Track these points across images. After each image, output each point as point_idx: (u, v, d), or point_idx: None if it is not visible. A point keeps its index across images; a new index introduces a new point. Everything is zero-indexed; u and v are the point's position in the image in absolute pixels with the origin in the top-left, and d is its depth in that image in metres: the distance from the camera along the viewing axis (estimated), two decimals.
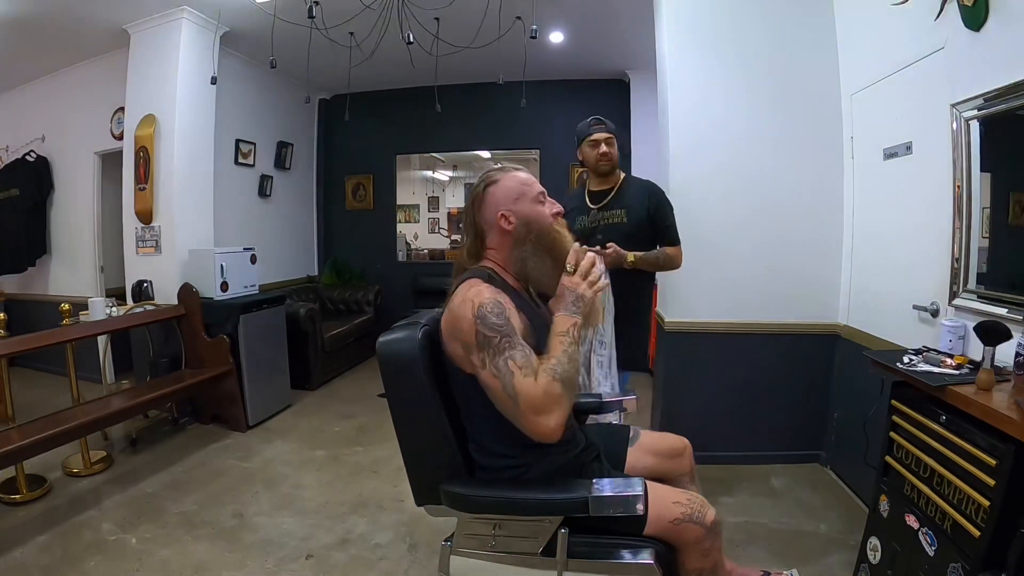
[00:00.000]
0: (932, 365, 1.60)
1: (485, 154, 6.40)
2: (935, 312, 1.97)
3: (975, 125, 1.76)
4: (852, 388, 2.60)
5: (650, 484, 1.22)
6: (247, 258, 3.83)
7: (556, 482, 1.27)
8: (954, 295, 1.86)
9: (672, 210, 2.32)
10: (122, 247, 3.94)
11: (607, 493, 1.15)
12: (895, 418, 1.68)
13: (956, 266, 1.85)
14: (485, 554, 1.26)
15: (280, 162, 5.19)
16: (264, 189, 4.98)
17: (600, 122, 2.27)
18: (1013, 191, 1.71)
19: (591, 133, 2.25)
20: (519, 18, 3.21)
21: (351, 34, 3.26)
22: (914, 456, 1.57)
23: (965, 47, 1.80)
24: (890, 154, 2.32)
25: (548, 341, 1.20)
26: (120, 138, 4.04)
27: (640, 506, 1.14)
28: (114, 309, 3.32)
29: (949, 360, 1.59)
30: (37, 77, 4.63)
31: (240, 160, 4.65)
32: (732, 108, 2.76)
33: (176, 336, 3.56)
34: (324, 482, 2.81)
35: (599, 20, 3.97)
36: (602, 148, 2.23)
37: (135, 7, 3.57)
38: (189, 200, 3.80)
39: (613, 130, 2.28)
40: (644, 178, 2.42)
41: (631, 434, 1.57)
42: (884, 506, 1.70)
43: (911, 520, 1.55)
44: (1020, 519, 1.20)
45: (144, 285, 3.68)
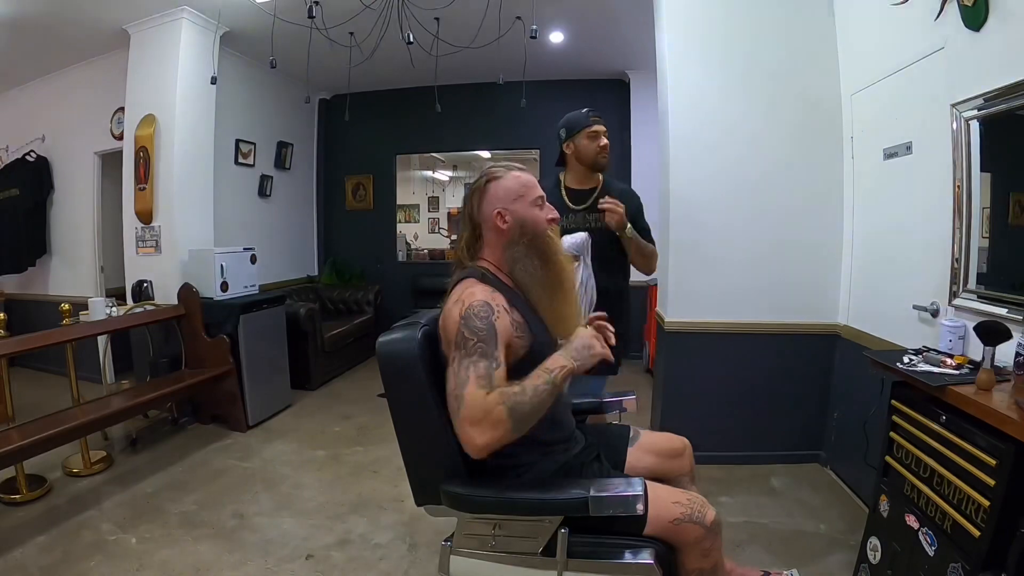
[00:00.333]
0: (932, 365, 1.60)
1: (485, 154, 6.41)
2: (935, 312, 1.97)
3: (975, 125, 1.76)
4: (852, 388, 2.60)
5: (650, 484, 1.22)
6: (247, 258, 3.83)
7: (556, 482, 1.27)
8: (954, 295, 1.87)
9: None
10: (122, 247, 3.94)
11: (607, 493, 1.15)
12: (895, 418, 1.68)
13: (956, 266, 1.85)
14: (485, 554, 1.26)
15: (280, 162, 5.19)
16: (264, 189, 4.98)
17: (596, 113, 2.10)
18: (1013, 191, 1.71)
19: (590, 124, 2.06)
20: (519, 18, 3.22)
21: (351, 34, 3.26)
22: (914, 456, 1.57)
23: (965, 47, 1.81)
24: (890, 154, 2.32)
25: (534, 371, 1.16)
26: (120, 138, 4.04)
27: (640, 506, 1.14)
28: (114, 309, 3.32)
29: (949, 360, 1.59)
30: (37, 77, 4.64)
31: (240, 160, 4.65)
32: (732, 108, 2.76)
33: (176, 336, 3.56)
34: (324, 482, 2.81)
35: (599, 20, 3.97)
36: (603, 140, 2.05)
37: (135, 7, 3.57)
38: (189, 200, 3.80)
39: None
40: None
41: (631, 434, 1.57)
42: (884, 506, 1.70)
43: (911, 520, 1.55)
44: (1020, 519, 1.21)
45: (144, 285, 3.68)
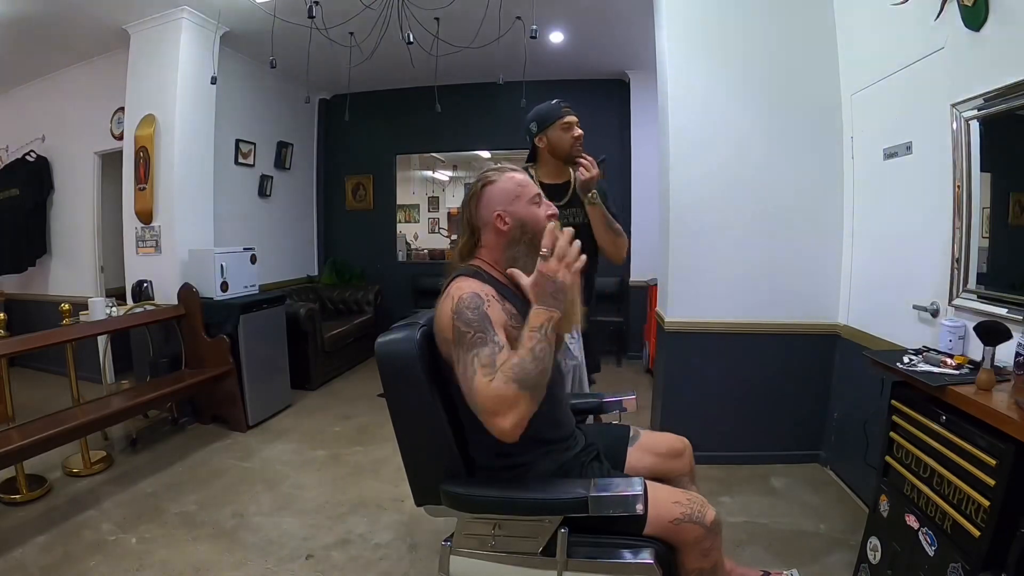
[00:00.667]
0: (932, 365, 1.60)
1: (485, 154, 6.42)
2: (935, 312, 1.97)
3: (975, 125, 1.77)
4: (852, 388, 2.60)
5: (650, 484, 1.22)
6: (247, 258, 3.83)
7: (556, 482, 1.27)
8: (954, 295, 1.87)
9: None
10: (122, 247, 3.94)
11: (607, 493, 1.15)
12: (895, 418, 1.68)
13: (956, 266, 1.85)
14: (485, 554, 1.26)
15: (280, 162, 5.19)
16: (264, 189, 4.98)
17: (567, 104, 2.01)
18: (1013, 191, 1.71)
19: (563, 115, 1.97)
20: (519, 18, 3.22)
21: (351, 34, 3.26)
22: (914, 456, 1.57)
23: (965, 47, 1.80)
24: (890, 154, 2.32)
25: (521, 335, 1.13)
26: (120, 138, 4.04)
27: (640, 506, 1.14)
28: (114, 309, 3.32)
29: (949, 360, 1.60)
30: (37, 77, 4.64)
31: (240, 160, 4.65)
32: (732, 108, 2.76)
33: (176, 336, 3.56)
34: (324, 482, 2.80)
35: (599, 20, 3.97)
36: (576, 131, 1.97)
37: (135, 7, 3.57)
38: (189, 200, 3.80)
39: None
40: None
41: (631, 434, 1.57)
42: (884, 506, 1.70)
43: (911, 520, 1.55)
44: (1020, 519, 1.21)
45: (144, 285, 3.68)
